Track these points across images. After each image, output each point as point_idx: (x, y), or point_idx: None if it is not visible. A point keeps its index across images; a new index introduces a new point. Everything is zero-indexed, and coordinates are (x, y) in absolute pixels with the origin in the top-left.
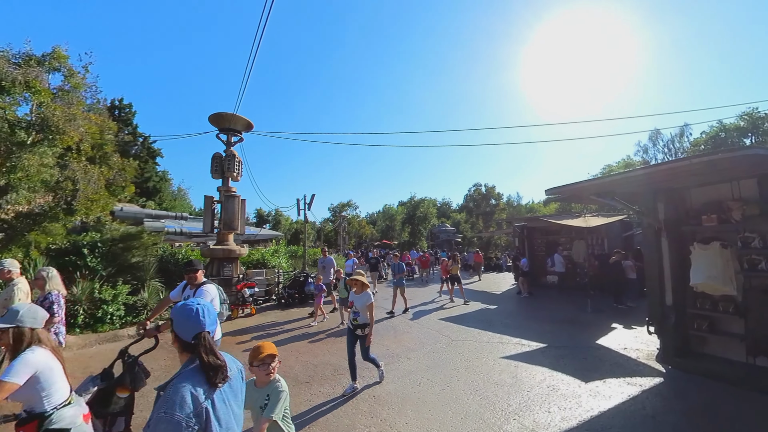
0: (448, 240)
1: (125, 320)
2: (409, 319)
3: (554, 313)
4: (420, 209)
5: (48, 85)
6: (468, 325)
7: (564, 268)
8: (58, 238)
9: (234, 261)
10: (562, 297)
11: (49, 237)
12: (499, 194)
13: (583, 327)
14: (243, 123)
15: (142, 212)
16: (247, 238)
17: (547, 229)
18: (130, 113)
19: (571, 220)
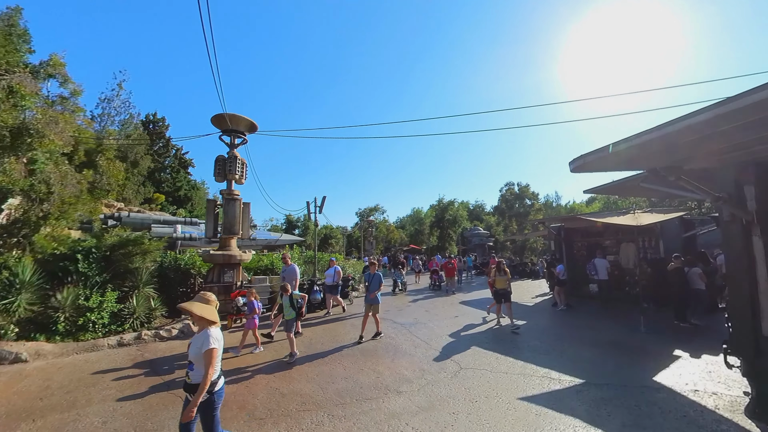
0: (481, 244)
1: (109, 329)
2: (416, 337)
3: (597, 332)
4: (449, 211)
5: (47, 92)
6: (486, 346)
7: (608, 275)
8: (61, 244)
9: (236, 267)
10: (608, 311)
11: (54, 243)
12: (535, 193)
13: (635, 354)
14: (245, 124)
15: (150, 217)
16: (267, 243)
17: (589, 230)
18: (163, 126)
19: (617, 218)
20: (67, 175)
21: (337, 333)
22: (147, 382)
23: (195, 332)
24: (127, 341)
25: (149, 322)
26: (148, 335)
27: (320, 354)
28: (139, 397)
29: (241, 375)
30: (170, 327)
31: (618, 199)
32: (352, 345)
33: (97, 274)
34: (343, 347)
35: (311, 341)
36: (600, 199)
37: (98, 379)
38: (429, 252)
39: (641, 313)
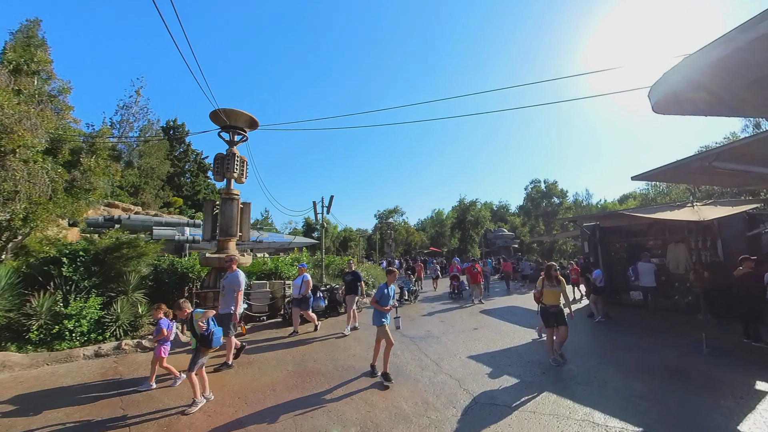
0: (505, 246)
1: (88, 337)
2: (425, 355)
3: (647, 353)
4: (471, 212)
5: (35, 88)
6: (509, 371)
7: (655, 281)
8: (54, 248)
9: None
10: (656, 324)
11: (47, 246)
12: (563, 191)
13: (703, 386)
14: (245, 119)
15: (151, 220)
16: (280, 246)
17: (628, 229)
18: (183, 132)
19: (671, 212)
20: (37, 173)
21: (299, 359)
22: (102, 407)
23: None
24: (106, 351)
25: (135, 330)
26: (129, 345)
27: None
28: (84, 427)
29: None
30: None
31: (658, 194)
32: (329, 391)
33: (85, 279)
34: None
35: (259, 371)
36: (637, 197)
37: (53, 398)
38: (450, 255)
39: (702, 330)
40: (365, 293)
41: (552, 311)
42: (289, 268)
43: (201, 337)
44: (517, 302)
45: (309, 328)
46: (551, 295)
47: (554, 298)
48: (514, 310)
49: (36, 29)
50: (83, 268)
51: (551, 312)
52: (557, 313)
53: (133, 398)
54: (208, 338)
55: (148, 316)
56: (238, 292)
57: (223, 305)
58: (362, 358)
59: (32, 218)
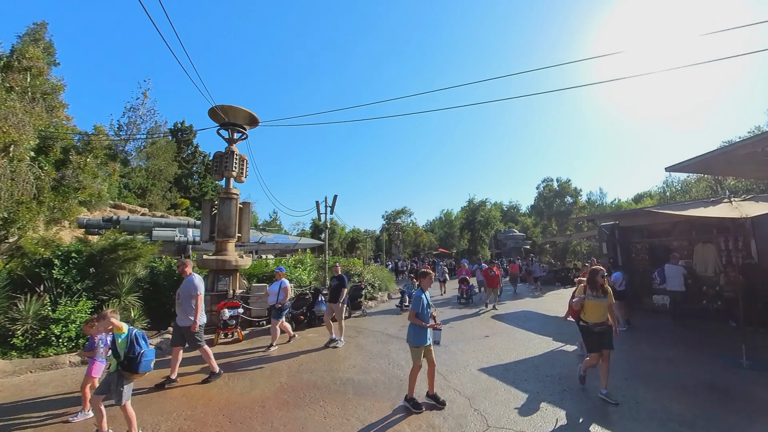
0: (516, 247)
1: (76, 343)
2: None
3: (679, 367)
4: (481, 212)
5: (28, 85)
6: (525, 387)
7: (684, 285)
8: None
9: (231, 273)
10: (684, 332)
11: (41, 248)
12: (577, 190)
13: (750, 407)
14: (244, 116)
15: (151, 220)
16: (285, 248)
17: (650, 228)
18: (191, 134)
19: (706, 208)
20: (21, 171)
21: (295, 370)
22: (73, 428)
23: None
24: None
25: None
26: None
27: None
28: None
29: None
30: None
31: (676, 193)
32: (322, 408)
33: (78, 281)
34: None
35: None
36: (654, 196)
37: (25, 412)
38: (459, 256)
39: (736, 339)
40: (365, 299)
41: (597, 331)
42: (291, 270)
43: (125, 359)
44: (531, 306)
45: (305, 341)
46: (596, 310)
47: (600, 314)
48: (529, 315)
49: (43, 32)
50: (76, 270)
51: (596, 332)
52: (604, 333)
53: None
54: (134, 361)
55: (142, 320)
56: (197, 297)
57: (180, 316)
58: (362, 369)
59: (14, 218)
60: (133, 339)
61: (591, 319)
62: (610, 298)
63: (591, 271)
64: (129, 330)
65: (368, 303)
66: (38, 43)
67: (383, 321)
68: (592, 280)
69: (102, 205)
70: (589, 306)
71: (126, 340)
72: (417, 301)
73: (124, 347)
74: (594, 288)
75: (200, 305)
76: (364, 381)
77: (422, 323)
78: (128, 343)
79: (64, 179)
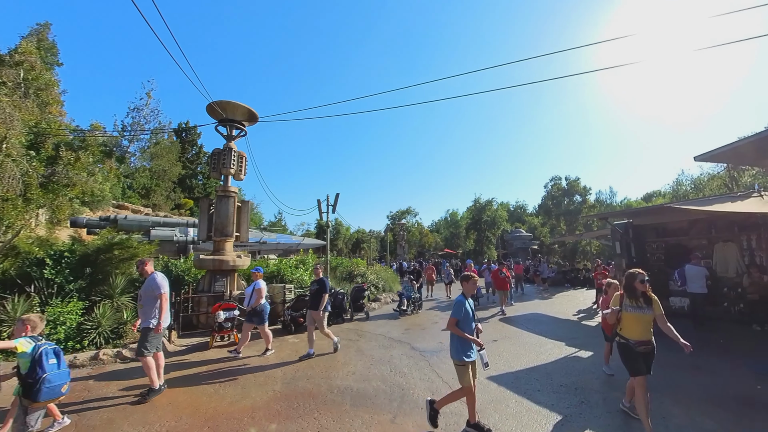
0: (524, 248)
1: (65, 345)
2: (437, 374)
3: (708, 376)
4: (487, 212)
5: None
6: (538, 398)
7: (707, 287)
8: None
9: (229, 274)
10: (706, 336)
11: (37, 247)
12: (586, 188)
13: None
14: (243, 112)
15: (149, 220)
16: (288, 248)
17: (666, 227)
18: (195, 134)
19: (733, 203)
20: (6, 166)
21: (291, 376)
22: None
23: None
24: (81, 362)
25: (119, 338)
26: (107, 355)
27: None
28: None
29: None
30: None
31: (690, 191)
32: (316, 420)
33: (72, 281)
34: None
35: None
36: (665, 195)
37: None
38: (465, 257)
39: (761, 344)
40: (368, 300)
41: (641, 351)
42: (292, 270)
43: (23, 382)
44: (541, 308)
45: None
46: (638, 324)
47: (643, 329)
48: (539, 318)
49: (46, 32)
50: (69, 270)
51: (639, 352)
52: (649, 354)
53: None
54: (33, 386)
55: (133, 323)
56: (161, 296)
57: (142, 318)
58: (362, 377)
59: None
60: (37, 359)
61: (632, 335)
62: (657, 308)
63: (627, 275)
64: (34, 347)
65: (371, 305)
66: (41, 43)
67: (386, 324)
68: (630, 287)
69: (104, 205)
70: (629, 319)
71: (28, 360)
72: (458, 307)
73: (26, 368)
74: (633, 296)
75: (165, 306)
76: (363, 390)
77: (464, 334)
78: (30, 364)
79: (54, 176)
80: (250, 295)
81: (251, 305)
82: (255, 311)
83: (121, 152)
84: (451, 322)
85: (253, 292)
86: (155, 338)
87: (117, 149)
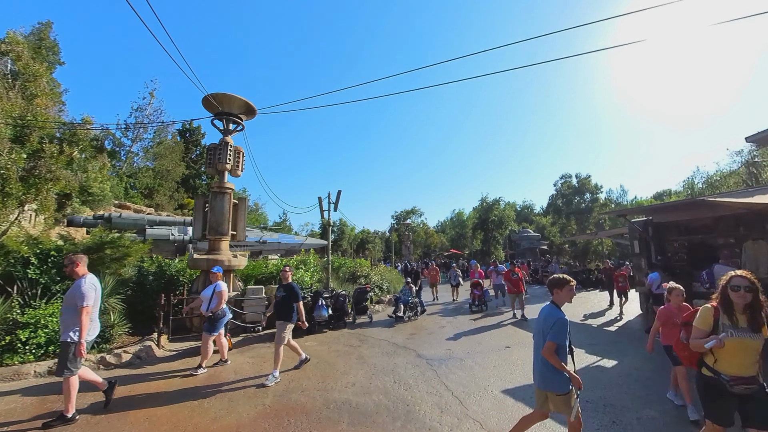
0: (531, 248)
1: (45, 350)
2: (446, 387)
3: None
4: (494, 212)
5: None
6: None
7: None
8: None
9: (225, 274)
10: None
11: (27, 246)
12: (597, 186)
13: None
14: (240, 104)
15: (144, 218)
16: (291, 248)
17: (688, 224)
18: (199, 134)
19: None
20: None
21: (284, 387)
22: None
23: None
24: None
25: (105, 342)
26: (90, 361)
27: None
28: None
29: None
30: (123, 350)
31: (707, 188)
32: None
33: (58, 282)
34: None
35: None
36: (680, 194)
37: None
38: (471, 257)
39: None
40: (371, 303)
41: (737, 391)
42: (294, 271)
43: None
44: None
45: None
46: (739, 353)
47: (746, 360)
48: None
49: (48, 31)
50: (55, 270)
51: (735, 393)
52: (749, 398)
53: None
54: None
55: (122, 325)
56: (82, 309)
57: (62, 329)
58: (362, 389)
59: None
60: None
61: (728, 368)
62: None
63: (732, 280)
64: None
65: (374, 307)
66: (43, 42)
67: (390, 328)
68: (726, 300)
69: (105, 204)
70: (732, 347)
71: None
72: (561, 328)
73: None
74: (730, 315)
75: (84, 323)
76: (363, 405)
77: (565, 367)
78: None
79: (35, 169)
80: (210, 299)
81: (211, 309)
82: (214, 316)
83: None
84: (550, 347)
85: (213, 295)
86: (78, 359)
87: (108, 143)
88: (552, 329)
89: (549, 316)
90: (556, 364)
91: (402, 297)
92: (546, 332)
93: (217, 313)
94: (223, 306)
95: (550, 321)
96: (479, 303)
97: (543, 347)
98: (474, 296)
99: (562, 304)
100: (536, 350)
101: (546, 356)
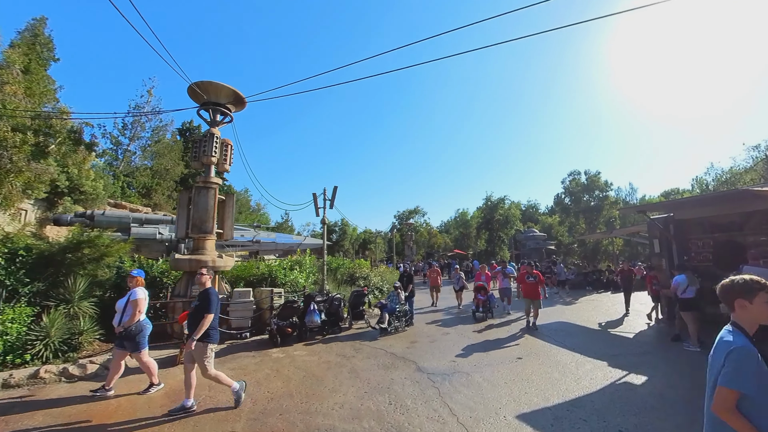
0: (537, 248)
1: (3, 360)
2: (450, 409)
3: None
4: (499, 211)
5: None
6: None
7: None
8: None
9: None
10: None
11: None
12: (608, 183)
13: None
14: (227, 93)
15: (130, 216)
16: (289, 248)
17: (713, 221)
18: (199, 134)
19: None
20: None
21: (261, 408)
22: None
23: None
24: (17, 381)
25: (72, 351)
26: (51, 372)
27: None
28: None
29: None
30: (90, 360)
31: (719, 185)
32: None
33: (27, 284)
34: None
35: None
36: (690, 192)
37: None
38: (475, 258)
39: None
40: (369, 306)
41: None
42: (286, 272)
43: None
44: (565, 316)
45: (288, 360)
46: None
47: None
48: (566, 327)
49: (42, 27)
50: (24, 271)
51: None
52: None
53: None
54: None
55: (93, 332)
56: None
57: None
58: (351, 411)
59: None
60: None
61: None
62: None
63: None
64: None
65: (372, 311)
66: (37, 38)
67: (389, 336)
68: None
69: (99, 203)
70: None
71: None
72: (744, 363)
73: None
74: None
75: None
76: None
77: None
78: None
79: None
80: (123, 309)
81: (123, 324)
82: (128, 333)
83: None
84: (729, 398)
85: (127, 305)
86: None
87: (87, 136)
88: (725, 367)
89: (720, 345)
90: (741, 428)
91: (388, 305)
92: (718, 373)
93: (130, 329)
94: (140, 318)
95: (721, 353)
96: (484, 309)
97: (713, 399)
98: (478, 301)
99: (752, 325)
100: (707, 403)
101: (718, 413)
